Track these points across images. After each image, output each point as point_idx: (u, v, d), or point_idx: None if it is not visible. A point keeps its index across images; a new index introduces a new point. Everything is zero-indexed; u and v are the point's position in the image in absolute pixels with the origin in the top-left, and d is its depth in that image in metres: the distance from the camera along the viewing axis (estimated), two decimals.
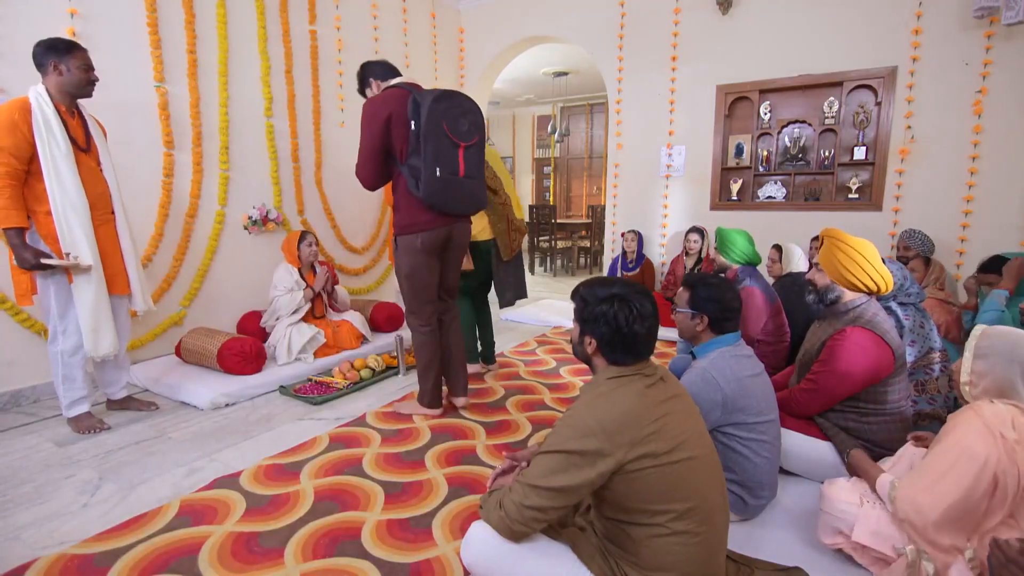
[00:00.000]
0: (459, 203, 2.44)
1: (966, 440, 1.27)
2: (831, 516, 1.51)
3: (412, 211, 2.40)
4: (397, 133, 2.31)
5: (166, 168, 3.33)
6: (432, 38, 5.45)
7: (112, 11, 3.05)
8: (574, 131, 10.36)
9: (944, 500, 1.27)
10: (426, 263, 2.48)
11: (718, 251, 2.79)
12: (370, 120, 2.33)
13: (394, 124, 2.31)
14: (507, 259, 3.21)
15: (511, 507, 1.20)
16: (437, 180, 2.31)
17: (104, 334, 2.37)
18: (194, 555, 1.61)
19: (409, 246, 2.44)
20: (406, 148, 2.33)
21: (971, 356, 1.36)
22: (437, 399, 2.68)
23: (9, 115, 2.13)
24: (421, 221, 2.40)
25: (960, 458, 1.26)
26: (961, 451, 1.27)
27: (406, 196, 2.40)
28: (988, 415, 1.26)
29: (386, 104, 2.32)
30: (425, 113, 2.25)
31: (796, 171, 4.44)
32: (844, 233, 1.93)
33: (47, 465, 2.18)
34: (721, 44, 4.51)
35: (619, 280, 1.30)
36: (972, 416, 1.29)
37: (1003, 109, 3.58)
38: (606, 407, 1.16)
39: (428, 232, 2.42)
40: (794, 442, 1.94)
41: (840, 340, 1.82)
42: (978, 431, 1.26)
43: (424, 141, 2.27)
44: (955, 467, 1.27)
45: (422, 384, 2.65)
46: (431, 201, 2.33)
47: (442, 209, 2.38)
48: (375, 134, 2.31)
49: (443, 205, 2.37)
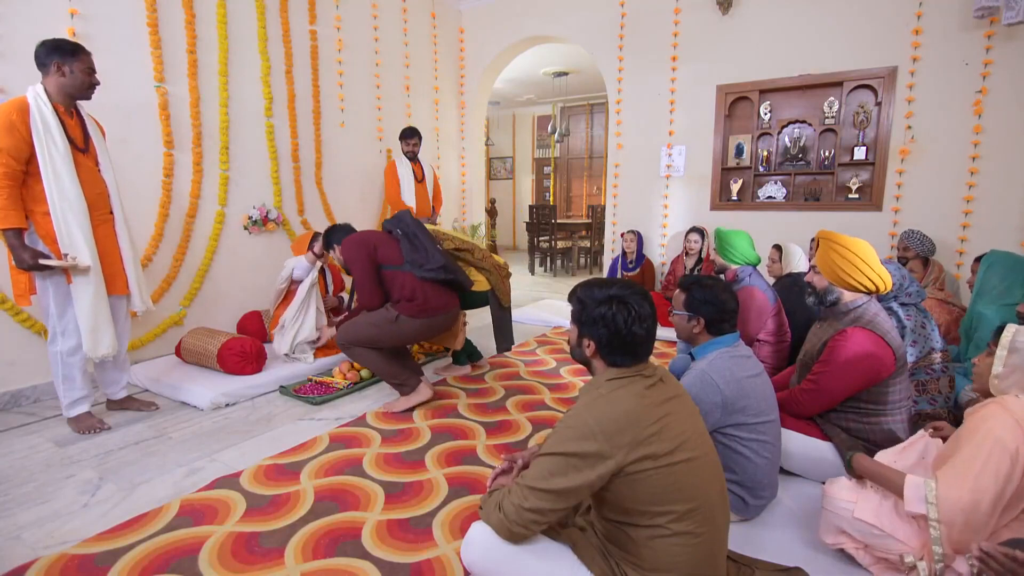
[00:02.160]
0: (460, 272, 2.84)
1: (996, 432, 1.28)
2: (833, 515, 1.51)
3: (426, 300, 2.66)
4: (385, 250, 2.69)
5: (166, 168, 3.33)
6: (432, 38, 5.45)
7: (112, 11, 3.05)
8: (574, 131, 10.37)
9: (988, 495, 1.26)
10: (405, 338, 2.73)
11: (717, 252, 2.79)
12: (357, 255, 2.65)
13: (379, 246, 2.69)
14: (506, 306, 3.38)
15: (510, 509, 1.20)
16: (440, 253, 2.72)
17: (103, 334, 2.37)
18: (194, 555, 1.61)
19: (407, 324, 2.66)
20: (399, 252, 2.70)
21: (1005, 351, 1.37)
22: (416, 381, 2.77)
23: (7, 115, 2.12)
24: (435, 306, 2.70)
25: (994, 450, 1.27)
26: (995, 443, 1.27)
27: (413, 285, 2.65)
28: (1015, 408, 1.29)
29: (363, 238, 2.72)
30: (403, 220, 2.75)
31: (796, 171, 4.45)
32: (839, 235, 1.93)
33: (47, 465, 2.18)
34: (721, 44, 4.51)
35: (617, 281, 1.30)
36: (999, 409, 1.31)
37: (1003, 109, 3.59)
38: (606, 409, 1.16)
39: (436, 318, 2.72)
40: (795, 442, 1.94)
41: (841, 341, 1.82)
42: (1006, 423, 1.27)
43: (415, 235, 2.71)
44: (991, 459, 1.26)
45: (393, 381, 2.73)
46: (444, 266, 2.67)
47: (453, 275, 2.73)
48: (367, 263, 2.65)
49: (453, 272, 2.74)
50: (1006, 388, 1.37)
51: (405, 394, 2.74)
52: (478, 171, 6.25)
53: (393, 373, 2.72)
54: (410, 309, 2.64)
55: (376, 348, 2.68)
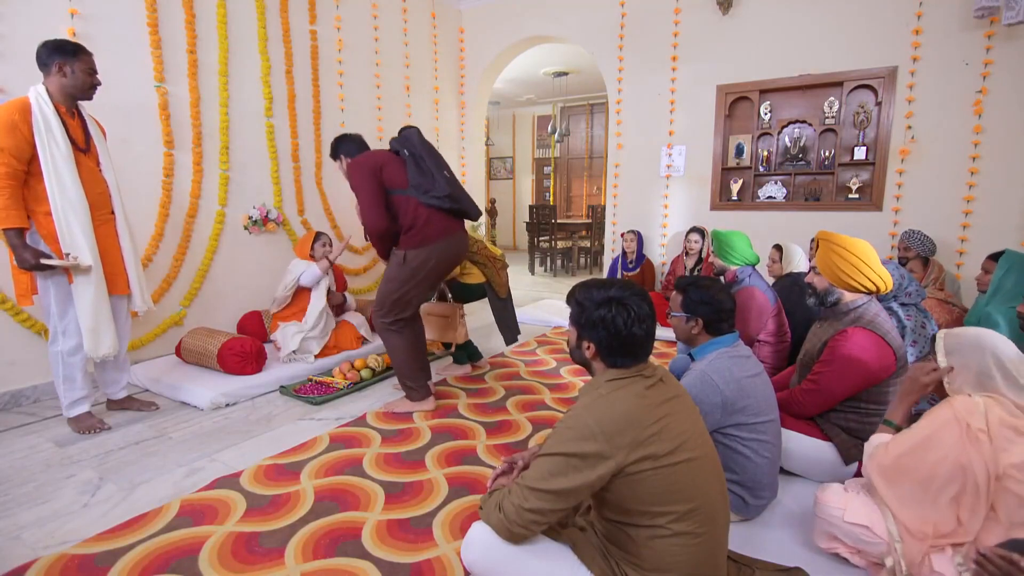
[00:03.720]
0: (467, 201, 2.70)
1: (933, 425, 1.34)
2: (825, 521, 1.51)
3: (425, 226, 2.57)
4: (391, 172, 2.58)
5: (166, 168, 3.33)
6: (432, 38, 5.45)
7: (113, 11, 3.05)
8: (574, 131, 10.36)
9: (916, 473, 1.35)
10: (425, 278, 2.64)
11: (716, 255, 2.78)
12: (362, 176, 2.55)
13: (384, 167, 2.57)
14: (504, 296, 3.34)
15: (510, 509, 1.20)
16: (446, 181, 2.60)
17: (104, 334, 2.37)
18: (194, 555, 1.61)
19: (415, 260, 2.59)
20: (405, 175, 2.58)
21: (942, 355, 1.42)
22: (427, 391, 2.74)
23: (9, 116, 2.12)
24: (433, 234, 2.59)
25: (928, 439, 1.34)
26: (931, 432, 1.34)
27: (415, 211, 2.57)
28: (958, 406, 1.33)
29: (369, 158, 2.61)
30: (410, 140, 2.61)
31: (796, 171, 4.45)
32: (839, 235, 1.93)
33: (48, 465, 2.18)
34: (721, 44, 4.51)
35: (615, 281, 1.29)
36: (944, 406, 1.36)
37: (1003, 109, 3.59)
38: (606, 409, 1.16)
39: (438, 244, 2.61)
40: (795, 442, 1.94)
41: (842, 341, 1.82)
42: (946, 419, 1.33)
43: (421, 158, 2.59)
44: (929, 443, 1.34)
45: (406, 381, 2.71)
46: (450, 195, 2.57)
47: (458, 204, 2.62)
48: (372, 183, 2.54)
49: (458, 200, 2.62)
50: (956, 389, 1.40)
51: (411, 399, 2.74)
52: (478, 171, 6.25)
53: (411, 374, 2.70)
54: (410, 241, 2.58)
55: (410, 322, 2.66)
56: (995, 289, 2.51)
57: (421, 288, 2.65)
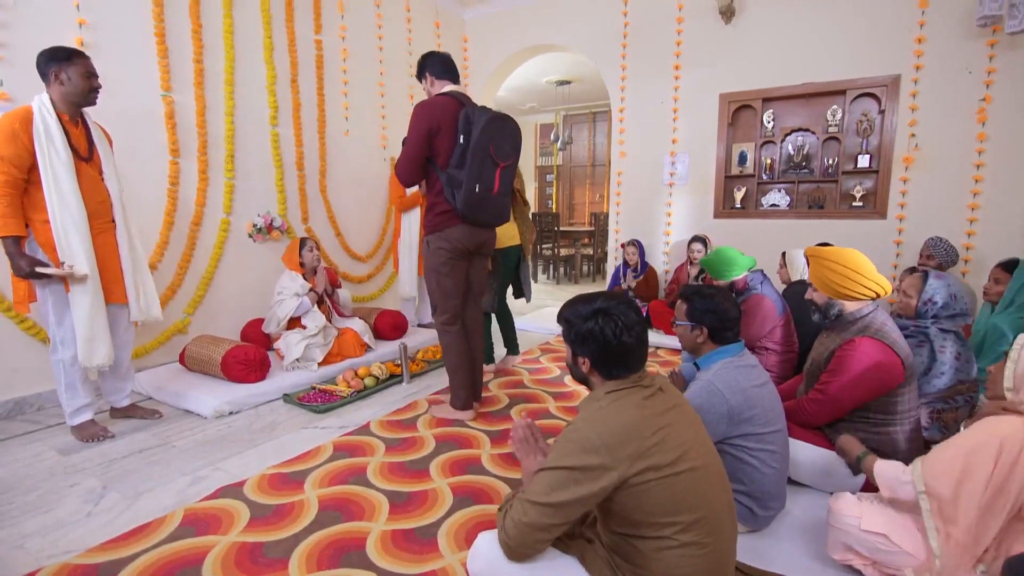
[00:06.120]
0: (489, 216, 2.59)
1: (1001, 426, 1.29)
2: (840, 531, 1.49)
3: (445, 214, 2.54)
4: (442, 143, 2.44)
5: (172, 176, 3.35)
6: (436, 47, 5.48)
7: (120, 21, 3.07)
8: (577, 139, 10.39)
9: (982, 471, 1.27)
10: (455, 263, 2.60)
11: (718, 279, 2.71)
12: (418, 125, 2.44)
13: (440, 134, 2.42)
14: (527, 257, 3.42)
15: (510, 526, 1.19)
16: (475, 196, 2.45)
17: (99, 344, 2.35)
18: (198, 565, 1.60)
19: (440, 244, 2.56)
20: (449, 159, 2.46)
21: (1012, 363, 1.35)
22: (469, 401, 2.73)
23: (10, 125, 2.13)
24: (453, 223, 2.54)
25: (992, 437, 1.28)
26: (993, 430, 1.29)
27: (440, 199, 2.53)
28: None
29: (436, 114, 2.43)
30: (476, 132, 2.39)
31: (800, 179, 4.45)
32: (826, 248, 1.93)
33: (51, 473, 2.18)
34: (724, 52, 4.52)
35: (600, 294, 1.30)
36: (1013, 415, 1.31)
37: (1007, 117, 3.59)
38: (607, 421, 1.15)
39: (459, 232, 2.54)
40: (803, 453, 1.92)
41: (849, 350, 1.81)
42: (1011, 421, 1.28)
43: (471, 158, 2.40)
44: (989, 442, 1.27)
45: (455, 383, 2.71)
46: (465, 213, 2.48)
47: (473, 221, 2.55)
48: (420, 141, 2.44)
49: (474, 218, 2.53)
50: (1021, 400, 1.33)
51: (455, 406, 2.74)
52: None
53: (462, 377, 2.69)
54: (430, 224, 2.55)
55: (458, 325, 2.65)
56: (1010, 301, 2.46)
57: (453, 277, 2.60)
